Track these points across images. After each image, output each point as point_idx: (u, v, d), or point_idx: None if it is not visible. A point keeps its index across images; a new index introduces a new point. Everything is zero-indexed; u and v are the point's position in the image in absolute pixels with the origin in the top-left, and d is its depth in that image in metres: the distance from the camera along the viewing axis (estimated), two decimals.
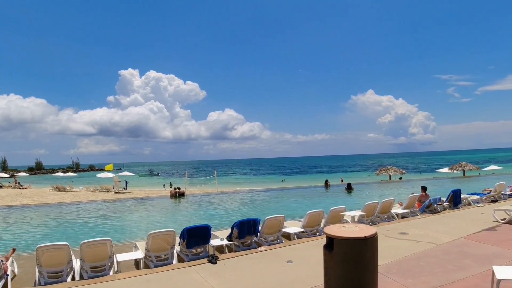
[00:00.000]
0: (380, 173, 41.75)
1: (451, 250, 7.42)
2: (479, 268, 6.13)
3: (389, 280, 5.79)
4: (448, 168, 43.53)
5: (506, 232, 8.78)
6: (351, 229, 4.41)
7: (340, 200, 22.33)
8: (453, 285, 5.51)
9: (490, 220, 10.18)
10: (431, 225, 9.90)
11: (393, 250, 7.48)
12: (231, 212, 19.11)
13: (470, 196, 14.42)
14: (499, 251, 7.18)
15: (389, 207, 11.64)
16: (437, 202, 12.56)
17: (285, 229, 9.61)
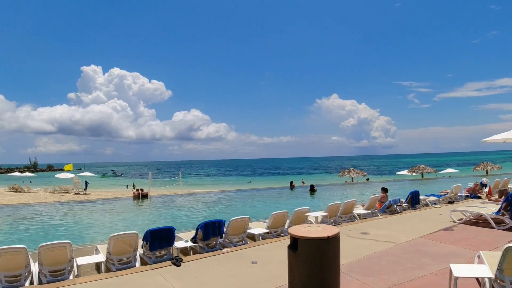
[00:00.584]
0: (343, 175, 42.70)
1: (410, 249, 7.69)
2: (437, 266, 6.37)
3: (351, 278, 5.93)
4: (408, 171, 45.08)
5: (462, 232, 9.18)
6: (314, 229, 4.48)
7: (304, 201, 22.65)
8: (413, 282, 5.70)
9: (447, 220, 10.61)
10: (391, 225, 10.21)
11: (355, 250, 7.65)
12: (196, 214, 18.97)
13: (428, 197, 14.98)
14: (455, 250, 7.49)
15: (351, 208, 11.91)
16: (397, 203, 12.99)
17: (250, 230, 9.63)
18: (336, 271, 4.57)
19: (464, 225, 10.00)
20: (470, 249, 7.35)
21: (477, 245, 7.65)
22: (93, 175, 48.06)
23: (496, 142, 14.58)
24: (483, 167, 44.71)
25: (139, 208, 22.96)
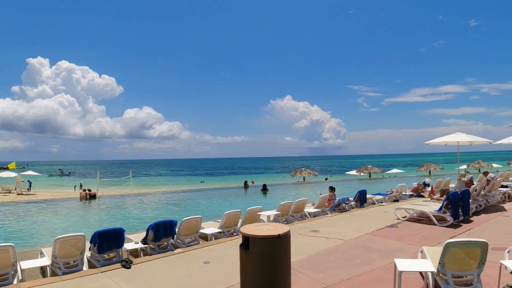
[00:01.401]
0: (295, 175, 43.43)
1: (358, 245, 7.97)
2: (383, 261, 6.65)
3: (301, 275, 6.05)
4: (356, 171, 46.77)
5: (406, 229, 9.63)
6: (265, 228, 4.53)
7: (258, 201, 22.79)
8: (360, 277, 5.92)
9: (393, 218, 11.07)
10: (340, 223, 10.51)
11: (305, 247, 7.82)
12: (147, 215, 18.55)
13: (375, 196, 15.59)
14: (400, 246, 7.85)
15: (302, 206, 12.16)
16: (345, 201, 13.42)
17: (202, 230, 9.56)
18: (287, 268, 4.64)
19: (408, 222, 10.49)
20: (413, 244, 7.72)
21: (420, 241, 8.07)
22: (37, 174, 45.63)
23: (438, 144, 15.47)
24: (426, 167, 47.31)
25: (86, 209, 22.08)
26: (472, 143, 15.10)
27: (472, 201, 11.57)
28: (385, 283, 5.56)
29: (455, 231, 9.17)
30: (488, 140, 15.34)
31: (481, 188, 12.59)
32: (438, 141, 14.97)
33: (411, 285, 5.44)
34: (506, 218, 10.85)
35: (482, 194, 12.76)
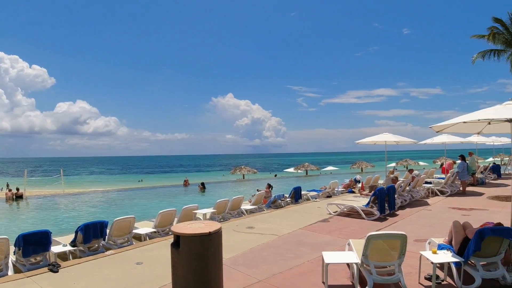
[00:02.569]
0: (234, 172, 43.69)
1: (291, 240, 8.21)
2: (313, 255, 6.90)
3: (235, 271, 6.11)
4: (294, 168, 48.02)
5: (336, 223, 10.08)
6: (197, 226, 4.54)
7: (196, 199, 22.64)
8: (291, 271, 6.11)
9: (325, 213, 11.52)
10: (275, 219, 10.75)
11: (240, 244, 7.91)
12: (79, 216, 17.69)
13: (310, 192, 16.15)
14: (330, 239, 8.21)
15: (239, 204, 12.29)
16: (281, 198, 13.77)
17: (136, 231, 9.33)
18: (219, 265, 4.68)
19: (339, 216, 10.98)
20: (342, 238, 8.10)
21: (349, 234, 8.49)
22: None
23: (367, 143, 16.34)
24: (359, 165, 49.77)
25: (13, 211, 20.63)
26: (399, 143, 16.18)
27: (398, 196, 12.36)
28: (314, 275, 5.79)
29: (381, 225, 9.76)
30: (412, 140, 16.53)
31: (406, 184, 13.47)
32: (367, 141, 15.86)
33: (339, 276, 5.71)
34: (429, 212, 11.69)
35: (407, 190, 13.65)
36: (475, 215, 10.48)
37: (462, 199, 14.33)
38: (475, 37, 28.38)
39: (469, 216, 10.41)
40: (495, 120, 6.48)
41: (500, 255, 5.21)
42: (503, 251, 5.24)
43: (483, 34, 27.45)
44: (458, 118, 6.34)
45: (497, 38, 26.63)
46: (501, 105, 6.21)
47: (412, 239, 8.00)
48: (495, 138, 23.35)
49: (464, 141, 21.97)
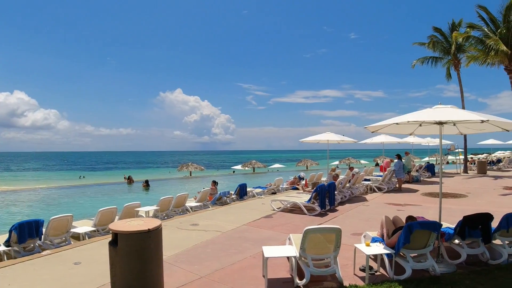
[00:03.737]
0: (181, 169, 43.10)
1: (234, 236, 8.30)
2: (255, 250, 7.02)
3: (176, 268, 6.08)
4: (241, 166, 48.25)
5: (279, 219, 10.31)
6: (135, 223, 4.47)
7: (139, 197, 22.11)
8: (233, 266, 6.18)
9: (269, 209, 11.73)
10: (220, 216, 10.79)
11: (183, 241, 7.87)
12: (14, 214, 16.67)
13: (255, 189, 16.35)
14: (272, 234, 8.39)
15: (183, 201, 12.18)
16: (226, 195, 13.83)
17: (74, 230, 8.97)
18: (159, 262, 4.65)
19: (282, 212, 11.23)
20: (284, 233, 8.30)
21: (291, 229, 8.72)
22: None
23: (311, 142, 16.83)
24: (304, 163, 51.08)
25: None
26: (340, 142, 16.82)
27: (338, 193, 12.86)
28: (255, 270, 5.90)
29: (322, 219, 10.12)
30: (353, 140, 17.28)
31: (346, 181, 14.04)
32: (311, 139, 16.35)
33: (279, 269, 5.86)
34: (367, 207, 12.27)
35: (347, 186, 14.23)
36: (409, 210, 11.16)
37: (398, 195, 15.18)
38: (416, 44, 30.16)
39: (403, 211, 11.07)
40: (426, 122, 6.92)
41: (428, 247, 5.61)
42: (432, 243, 5.65)
43: (424, 42, 29.25)
44: (391, 119, 6.71)
45: (436, 46, 28.48)
46: (431, 109, 6.65)
47: (350, 232, 8.39)
48: (430, 139, 24.97)
49: (401, 141, 23.35)
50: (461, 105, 27.34)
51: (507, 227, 6.07)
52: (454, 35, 24.40)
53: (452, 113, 6.17)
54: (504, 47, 16.88)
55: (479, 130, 7.43)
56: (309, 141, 16.59)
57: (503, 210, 6.83)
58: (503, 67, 18.31)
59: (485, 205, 12.16)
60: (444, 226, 6.70)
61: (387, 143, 22.89)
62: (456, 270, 5.75)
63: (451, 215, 9.14)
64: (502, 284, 5.12)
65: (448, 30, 27.87)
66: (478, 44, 19.37)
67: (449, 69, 29.34)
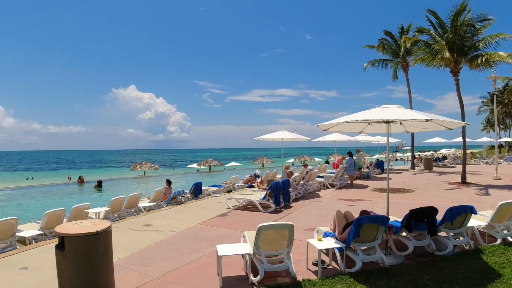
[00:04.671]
0: (135, 169, 42.00)
1: (189, 235, 8.22)
2: (210, 249, 6.97)
3: (128, 271, 5.93)
4: (197, 164, 47.79)
5: (234, 217, 10.33)
6: (83, 225, 4.32)
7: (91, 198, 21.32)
8: (187, 266, 6.12)
9: (224, 207, 11.72)
10: (174, 215, 10.64)
11: (136, 242, 7.68)
12: None
13: (211, 187, 16.29)
14: (227, 233, 8.40)
15: (136, 201, 11.90)
16: (181, 194, 13.67)
17: (20, 234, 8.54)
18: (109, 265, 4.52)
19: (238, 210, 11.27)
20: (240, 230, 8.31)
21: (246, 226, 8.77)
22: None
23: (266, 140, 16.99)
24: (260, 161, 51.51)
25: None
26: (295, 140, 17.13)
27: (292, 190, 13.08)
28: (210, 269, 5.87)
29: (277, 216, 10.26)
30: (306, 138, 17.65)
31: (300, 178, 14.31)
32: (265, 138, 16.53)
33: (233, 267, 5.88)
34: (320, 203, 12.57)
35: (301, 183, 14.51)
36: (360, 205, 11.55)
37: (349, 191, 15.68)
38: (367, 47, 31.25)
39: (354, 206, 11.45)
40: (374, 121, 7.19)
41: (377, 240, 5.84)
42: (380, 236, 5.88)
43: (374, 45, 30.37)
44: (342, 118, 6.92)
45: (385, 49, 29.69)
46: (379, 108, 6.94)
47: (303, 228, 8.57)
48: (380, 137, 25.99)
49: (352, 140, 24.13)
50: (409, 105, 28.67)
51: (451, 220, 6.42)
52: (403, 39, 25.43)
53: (398, 112, 6.46)
54: (448, 53, 17.83)
55: (424, 128, 7.81)
56: (264, 139, 16.75)
57: (447, 204, 7.24)
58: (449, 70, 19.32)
59: (431, 199, 12.83)
60: (392, 219, 7.03)
61: (339, 141, 23.59)
62: (404, 262, 6.02)
63: (399, 209, 9.56)
64: (448, 274, 5.40)
65: (398, 34, 29.10)
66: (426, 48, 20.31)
67: (396, 71, 30.68)
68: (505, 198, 8.14)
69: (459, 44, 18.52)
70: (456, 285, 4.95)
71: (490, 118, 71.77)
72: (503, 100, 59.74)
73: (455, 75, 19.19)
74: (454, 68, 19.03)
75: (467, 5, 18.11)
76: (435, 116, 6.58)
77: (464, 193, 14.68)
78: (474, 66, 18.56)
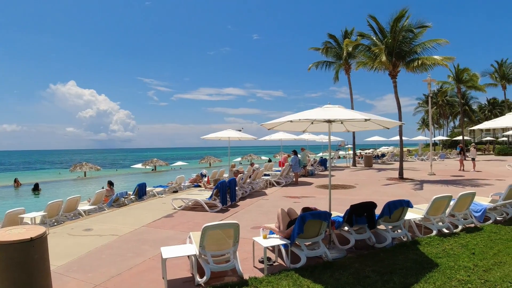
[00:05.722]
0: (74, 170, 40.03)
1: (132, 238, 7.97)
2: (154, 251, 6.80)
3: (68, 278, 5.65)
4: (142, 164, 46.52)
5: (180, 217, 10.18)
6: (16, 232, 4.05)
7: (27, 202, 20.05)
8: (131, 270, 5.93)
9: (170, 208, 11.50)
10: (117, 218, 10.29)
11: (76, 248, 7.33)
12: None
13: (156, 188, 15.93)
14: (172, 234, 8.25)
15: (75, 204, 11.34)
16: (124, 196, 13.24)
17: None
18: (46, 274, 4.29)
19: (184, 211, 11.11)
20: (186, 231, 8.15)
21: (192, 227, 8.65)
22: None
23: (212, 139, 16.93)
24: (207, 160, 51.17)
25: None
26: (241, 139, 17.22)
27: (239, 188, 13.13)
28: (154, 272, 5.75)
29: (223, 215, 10.25)
30: (253, 137, 17.80)
31: (246, 176, 14.40)
32: (211, 137, 16.46)
33: (179, 269, 5.79)
34: (266, 201, 12.73)
35: (248, 182, 14.61)
36: (305, 202, 11.87)
37: (294, 188, 16.04)
38: (312, 49, 32.18)
39: (299, 203, 11.72)
40: (317, 120, 7.39)
41: (321, 236, 6.03)
42: (323, 232, 6.07)
43: (319, 47, 31.31)
44: (285, 117, 7.05)
45: (329, 51, 30.80)
46: (321, 108, 7.16)
47: (250, 226, 8.65)
48: (323, 136, 26.85)
49: (297, 138, 24.75)
50: (351, 106, 29.88)
51: (389, 213, 6.77)
52: (345, 42, 26.40)
53: (339, 112, 6.71)
54: (385, 57, 18.78)
55: (364, 127, 8.17)
56: (211, 138, 16.67)
57: (386, 199, 7.61)
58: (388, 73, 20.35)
59: (371, 194, 13.45)
60: (334, 215, 7.29)
61: (285, 140, 24.08)
62: (346, 255, 6.27)
63: (341, 204, 9.92)
64: (388, 265, 5.68)
65: (342, 37, 30.17)
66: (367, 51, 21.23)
67: (337, 72, 31.86)
68: (439, 192, 8.72)
69: (397, 48, 19.57)
70: (396, 276, 5.21)
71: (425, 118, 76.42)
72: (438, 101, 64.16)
73: (393, 78, 20.27)
74: (392, 71, 20.07)
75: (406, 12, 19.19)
76: (373, 116, 6.90)
77: (401, 188, 15.54)
78: (411, 69, 19.75)
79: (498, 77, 45.99)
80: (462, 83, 42.43)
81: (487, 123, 12.40)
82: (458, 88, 43.97)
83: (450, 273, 5.28)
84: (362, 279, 5.13)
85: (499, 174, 20.45)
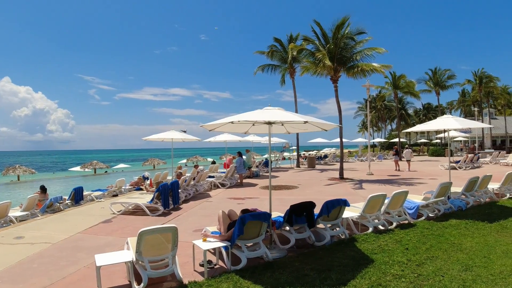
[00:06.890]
0: (7, 173, 37.37)
1: (67, 246, 7.59)
2: (90, 259, 6.48)
3: None
4: (80, 167, 44.39)
5: (119, 222, 9.82)
6: None
7: None
8: (64, 280, 5.65)
9: (109, 213, 11.07)
10: (51, 225, 9.76)
11: (5, 257, 6.86)
12: None
13: (94, 192, 15.28)
14: (111, 240, 7.95)
15: (6, 210, 10.61)
16: (59, 201, 12.59)
17: None
18: None
19: (123, 215, 10.75)
20: (124, 237, 7.85)
21: (131, 232, 8.34)
22: None
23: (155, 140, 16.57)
24: (151, 162, 49.97)
25: None
26: (185, 140, 17.02)
27: (182, 191, 12.97)
28: (89, 281, 5.51)
29: (165, 219, 10.06)
30: (196, 138, 17.72)
31: (190, 179, 14.26)
32: (154, 138, 16.11)
33: (116, 277, 5.60)
34: (210, 203, 12.67)
35: (191, 184, 14.46)
36: (249, 203, 11.98)
37: (239, 190, 16.13)
38: (257, 53, 32.53)
39: (243, 204, 11.81)
40: (257, 122, 7.48)
41: (261, 236, 6.12)
42: (264, 232, 6.16)
43: (264, 51, 31.77)
44: (226, 118, 7.07)
45: (275, 55, 31.42)
46: (261, 110, 7.26)
47: (192, 229, 8.59)
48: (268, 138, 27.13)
49: (242, 140, 24.89)
50: (295, 109, 30.58)
51: (328, 212, 7.03)
52: (290, 46, 26.98)
53: (279, 114, 6.85)
54: (328, 61, 19.49)
55: (303, 129, 8.40)
56: (153, 139, 16.30)
57: (327, 198, 7.84)
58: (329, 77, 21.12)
59: (313, 194, 13.85)
60: (275, 215, 7.45)
61: (230, 141, 24.11)
62: (287, 254, 6.42)
63: (283, 204, 10.10)
64: (326, 262, 5.88)
65: (287, 42, 30.77)
66: (310, 56, 21.87)
67: (284, 76, 32.48)
68: (376, 191, 9.18)
69: (339, 54, 20.41)
70: (334, 273, 5.41)
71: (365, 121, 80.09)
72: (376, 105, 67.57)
73: (335, 82, 21.08)
74: (334, 76, 20.87)
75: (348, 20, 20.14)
76: (311, 118, 7.11)
77: (341, 187, 16.16)
78: (351, 75, 20.73)
79: (432, 84, 49.39)
80: (398, 89, 45.18)
81: (420, 126, 13.27)
82: (395, 94, 46.77)
83: (385, 268, 5.57)
84: (302, 278, 5.27)
85: (432, 174, 21.91)
